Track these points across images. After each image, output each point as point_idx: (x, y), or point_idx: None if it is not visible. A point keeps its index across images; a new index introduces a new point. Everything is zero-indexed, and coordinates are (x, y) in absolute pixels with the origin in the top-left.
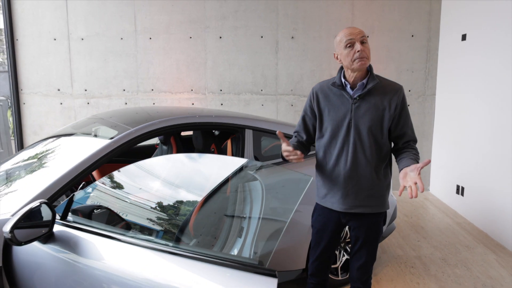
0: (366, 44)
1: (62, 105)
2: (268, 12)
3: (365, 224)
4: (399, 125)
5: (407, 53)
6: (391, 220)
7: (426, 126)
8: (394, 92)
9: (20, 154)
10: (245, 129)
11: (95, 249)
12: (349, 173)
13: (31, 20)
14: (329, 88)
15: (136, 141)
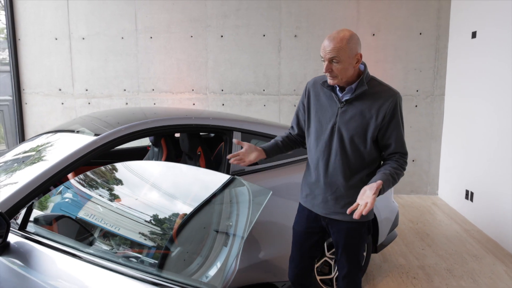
0: (337, 63)
1: (63, 105)
2: (270, 10)
3: (344, 230)
4: (385, 136)
5: (414, 52)
6: (392, 227)
7: (435, 128)
8: (385, 100)
9: (5, 154)
10: (233, 131)
11: (48, 264)
12: (328, 180)
13: (32, 19)
14: (321, 87)
15: (112, 145)
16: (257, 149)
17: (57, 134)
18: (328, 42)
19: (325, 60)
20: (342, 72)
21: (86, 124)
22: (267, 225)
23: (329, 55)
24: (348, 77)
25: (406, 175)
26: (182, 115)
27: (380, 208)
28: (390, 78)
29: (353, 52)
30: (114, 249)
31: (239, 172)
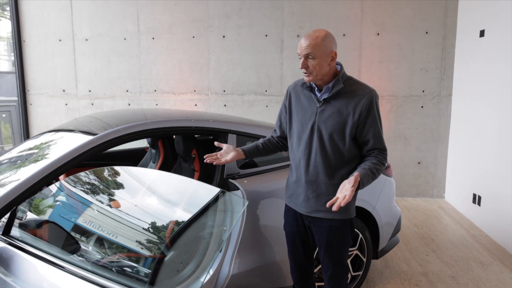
0: (312, 59)
1: (67, 106)
2: (273, 10)
3: (327, 228)
4: (363, 132)
5: (420, 52)
6: (394, 232)
7: (442, 129)
8: (361, 98)
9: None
10: (228, 133)
11: (29, 272)
12: (309, 177)
13: (37, 21)
14: (300, 89)
15: (109, 146)
16: (236, 150)
17: (55, 133)
18: (304, 40)
19: (301, 57)
20: (317, 68)
21: (86, 124)
22: (263, 229)
23: (304, 51)
24: (323, 74)
25: (412, 177)
26: (181, 117)
27: (381, 212)
28: (395, 78)
29: (327, 49)
30: (98, 257)
31: (233, 175)
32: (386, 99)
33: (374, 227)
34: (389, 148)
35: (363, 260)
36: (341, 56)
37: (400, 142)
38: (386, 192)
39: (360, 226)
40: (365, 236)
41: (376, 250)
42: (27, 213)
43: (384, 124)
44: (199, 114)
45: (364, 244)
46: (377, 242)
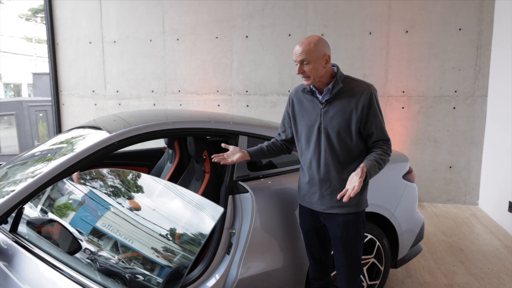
0: (307, 64)
1: (96, 106)
2: (296, 9)
3: (341, 223)
4: (367, 125)
5: (453, 50)
6: (416, 241)
7: (476, 132)
8: (361, 93)
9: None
10: (238, 135)
11: (29, 271)
12: (322, 176)
13: (69, 24)
14: (302, 94)
15: (112, 149)
16: (241, 151)
17: (76, 130)
18: (298, 47)
19: (297, 63)
20: (312, 72)
21: (108, 123)
22: (272, 233)
23: (299, 57)
24: (320, 77)
25: (442, 182)
26: (203, 119)
27: (401, 219)
28: (424, 78)
29: (321, 53)
30: (106, 263)
31: (243, 177)
32: (414, 100)
33: (392, 234)
34: (418, 151)
35: (380, 268)
36: (367, 55)
37: (430, 145)
38: (407, 198)
39: (377, 233)
40: (382, 244)
41: (395, 259)
42: (35, 211)
43: (412, 125)
44: (219, 116)
45: (382, 252)
46: (396, 251)
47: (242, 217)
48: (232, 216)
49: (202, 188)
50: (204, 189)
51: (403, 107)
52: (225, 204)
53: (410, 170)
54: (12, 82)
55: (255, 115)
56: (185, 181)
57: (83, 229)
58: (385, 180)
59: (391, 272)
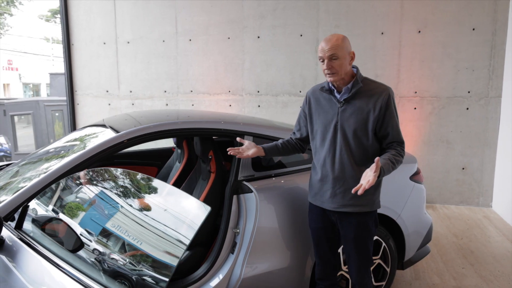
0: (336, 60)
1: (110, 105)
2: (308, 9)
3: (354, 223)
4: (383, 126)
5: (466, 50)
6: (424, 242)
7: (489, 133)
8: (379, 94)
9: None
10: (243, 135)
11: (32, 269)
12: (336, 174)
13: (84, 25)
14: (319, 93)
15: (120, 148)
16: (256, 147)
17: (89, 128)
18: (326, 43)
19: (325, 59)
20: (340, 67)
21: (119, 122)
22: (277, 232)
23: (328, 53)
24: (345, 73)
25: (455, 184)
26: (211, 119)
27: (408, 221)
28: (437, 78)
29: (347, 49)
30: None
31: (248, 177)
32: (427, 100)
33: (399, 236)
34: (430, 152)
35: (386, 270)
36: (379, 55)
37: (443, 146)
38: (414, 199)
39: (383, 234)
40: (388, 245)
41: (402, 261)
42: (40, 208)
43: (424, 126)
44: (229, 117)
45: (388, 253)
46: (403, 252)
47: (246, 217)
48: (236, 216)
49: (207, 188)
50: (209, 189)
51: (415, 107)
52: (229, 204)
53: (418, 171)
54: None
55: (266, 116)
56: (192, 180)
57: (90, 229)
58: (391, 181)
59: (398, 273)
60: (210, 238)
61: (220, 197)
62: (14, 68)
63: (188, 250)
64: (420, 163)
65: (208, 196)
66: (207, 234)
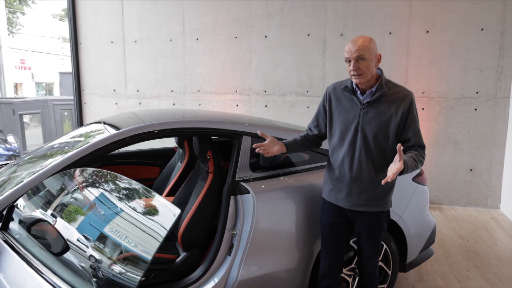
0: (363, 61)
1: (117, 105)
2: (316, 9)
3: (368, 220)
4: (404, 131)
5: (475, 50)
6: (427, 245)
7: (498, 134)
8: (402, 99)
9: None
10: (242, 135)
11: (14, 271)
12: (353, 175)
13: (92, 24)
14: (341, 91)
15: (110, 149)
16: (279, 143)
17: (91, 125)
18: (352, 44)
19: (352, 60)
20: (367, 69)
21: (122, 120)
22: (275, 234)
23: (355, 54)
24: (371, 75)
25: (463, 185)
26: (215, 119)
27: (410, 222)
28: (445, 78)
29: (374, 51)
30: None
31: (246, 178)
32: (435, 101)
33: (400, 238)
34: (438, 153)
35: (388, 272)
36: (387, 56)
37: (450, 147)
38: (416, 201)
39: (385, 236)
40: (390, 247)
41: (404, 263)
42: (28, 209)
43: (432, 127)
44: (235, 117)
45: (389, 255)
46: (405, 254)
47: (244, 218)
48: (234, 217)
49: (205, 189)
50: (206, 190)
51: (423, 108)
52: (226, 205)
53: (421, 172)
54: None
55: (273, 116)
56: (191, 181)
57: (87, 233)
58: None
59: (402, 276)
60: (208, 239)
61: (218, 198)
62: (27, 67)
63: (186, 251)
64: (428, 164)
65: (205, 197)
66: (205, 236)
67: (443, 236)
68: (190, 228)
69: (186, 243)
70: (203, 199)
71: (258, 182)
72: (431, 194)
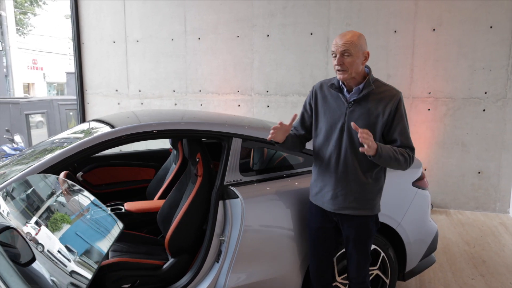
0: (348, 56)
1: (119, 105)
2: (318, 7)
3: (355, 225)
4: (390, 131)
5: (483, 49)
6: (429, 251)
7: (507, 136)
8: (390, 98)
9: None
10: (232, 137)
11: None
12: (339, 176)
13: (94, 24)
14: (328, 89)
15: (93, 151)
16: (286, 133)
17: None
18: (340, 38)
19: (337, 54)
20: (352, 65)
21: (119, 119)
22: (264, 240)
23: (341, 48)
24: (356, 73)
25: (470, 189)
26: (205, 120)
27: (409, 229)
28: (452, 78)
29: (362, 48)
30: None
31: (235, 182)
32: (441, 101)
33: (399, 245)
34: (444, 155)
35: (385, 281)
36: (392, 55)
37: (457, 149)
38: (416, 206)
39: (382, 243)
40: (388, 255)
41: (403, 271)
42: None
43: (439, 128)
44: (242, 119)
45: (387, 263)
46: (404, 262)
47: (232, 224)
48: (222, 223)
49: (193, 193)
50: (195, 194)
51: (429, 109)
52: (215, 210)
53: (421, 176)
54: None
55: (275, 116)
56: (182, 184)
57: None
58: (389, 187)
59: (402, 285)
60: (197, 245)
61: (207, 202)
62: (39, 67)
63: (173, 257)
64: (434, 166)
65: (194, 201)
66: (194, 241)
67: (448, 242)
68: (178, 233)
69: (173, 248)
70: (191, 203)
71: (248, 186)
72: (437, 197)
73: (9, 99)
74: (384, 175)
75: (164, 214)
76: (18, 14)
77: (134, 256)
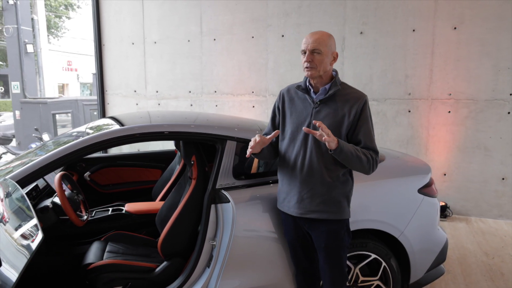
0: (318, 54)
1: (137, 105)
2: (334, 6)
3: (325, 232)
4: (355, 132)
5: (508, 48)
6: (437, 262)
7: None
8: (356, 100)
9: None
10: (226, 140)
11: None
12: (304, 178)
13: (114, 25)
14: (295, 92)
15: (86, 152)
16: (263, 146)
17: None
18: (311, 36)
19: (307, 51)
20: (321, 63)
21: (131, 119)
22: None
23: (311, 46)
24: (324, 71)
25: (493, 195)
26: (199, 123)
27: (414, 238)
28: (475, 79)
29: (332, 48)
30: None
31: (227, 186)
32: (462, 103)
33: (403, 254)
34: (465, 160)
35: None
36: (411, 54)
37: (480, 154)
38: (422, 215)
39: (383, 252)
40: (390, 265)
41: (407, 283)
42: None
43: (459, 131)
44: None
45: (389, 274)
46: (408, 273)
47: (223, 229)
48: (214, 227)
49: (187, 196)
50: (188, 197)
51: (449, 111)
52: (207, 214)
53: (429, 183)
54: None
55: None
56: (180, 186)
57: None
58: (390, 194)
59: None
60: (190, 248)
61: (201, 205)
62: (74, 68)
63: (166, 260)
64: (454, 171)
65: (187, 204)
66: (187, 245)
67: (464, 252)
68: (170, 236)
69: (166, 251)
70: (185, 206)
71: (240, 191)
72: (458, 204)
73: (39, 99)
74: (351, 179)
75: (162, 216)
76: (53, 17)
77: (129, 258)
